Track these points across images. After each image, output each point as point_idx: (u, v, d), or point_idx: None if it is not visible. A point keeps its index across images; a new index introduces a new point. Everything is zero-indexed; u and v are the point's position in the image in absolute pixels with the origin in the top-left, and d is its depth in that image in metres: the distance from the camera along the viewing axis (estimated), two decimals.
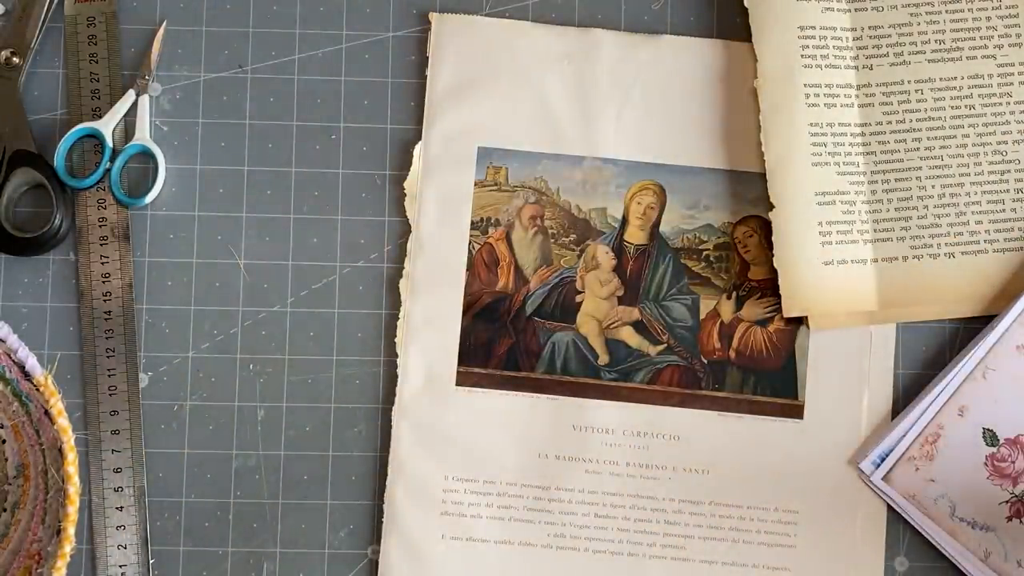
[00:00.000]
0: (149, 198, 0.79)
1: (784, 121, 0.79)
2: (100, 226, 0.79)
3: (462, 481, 0.78)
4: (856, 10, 0.80)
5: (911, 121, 0.79)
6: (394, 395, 0.78)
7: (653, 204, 0.80)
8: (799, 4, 0.79)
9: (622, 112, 0.80)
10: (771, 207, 0.78)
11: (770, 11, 0.79)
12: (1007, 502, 0.76)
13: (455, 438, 0.78)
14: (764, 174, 0.78)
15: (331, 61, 0.81)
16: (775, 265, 0.78)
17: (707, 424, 0.78)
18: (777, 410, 0.78)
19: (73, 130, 0.79)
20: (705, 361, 0.79)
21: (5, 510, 0.76)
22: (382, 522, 0.77)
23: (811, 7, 0.79)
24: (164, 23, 0.81)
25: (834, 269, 0.78)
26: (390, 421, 0.78)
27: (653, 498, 0.78)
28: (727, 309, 0.79)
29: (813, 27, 0.79)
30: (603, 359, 0.79)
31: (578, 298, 0.80)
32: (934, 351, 0.79)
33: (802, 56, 0.79)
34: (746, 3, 0.79)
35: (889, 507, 0.77)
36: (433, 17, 0.81)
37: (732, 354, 0.79)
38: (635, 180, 0.80)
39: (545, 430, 0.78)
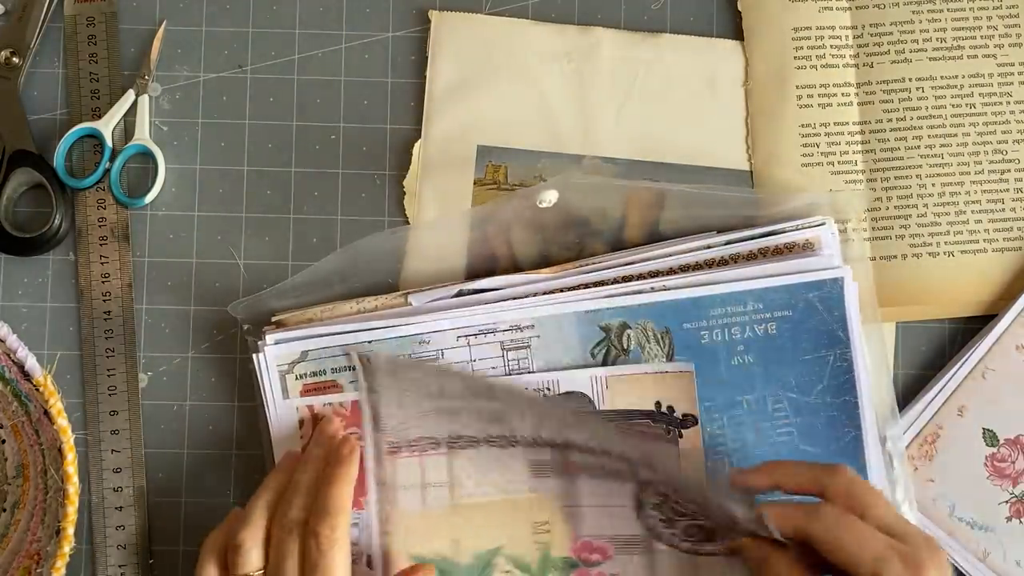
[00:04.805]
0: (149, 198, 0.79)
1: (773, 124, 0.78)
2: (100, 226, 0.79)
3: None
4: (857, 8, 0.80)
5: (912, 119, 0.79)
6: None
7: (653, 204, 0.80)
8: (794, 5, 0.79)
9: (622, 111, 0.80)
10: None
11: (764, 14, 0.79)
12: (1007, 502, 0.76)
13: None
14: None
15: (331, 61, 0.81)
16: None
17: None
18: None
19: (73, 130, 0.79)
20: None
21: (5, 510, 0.76)
22: None
23: (807, 7, 0.79)
24: (164, 23, 0.81)
25: None
26: None
27: None
28: None
29: (808, 28, 0.79)
30: None
31: None
32: (934, 351, 0.79)
33: (795, 58, 0.79)
34: (740, 7, 0.79)
35: None
36: (433, 15, 0.81)
37: None
38: (635, 179, 0.80)
39: None
